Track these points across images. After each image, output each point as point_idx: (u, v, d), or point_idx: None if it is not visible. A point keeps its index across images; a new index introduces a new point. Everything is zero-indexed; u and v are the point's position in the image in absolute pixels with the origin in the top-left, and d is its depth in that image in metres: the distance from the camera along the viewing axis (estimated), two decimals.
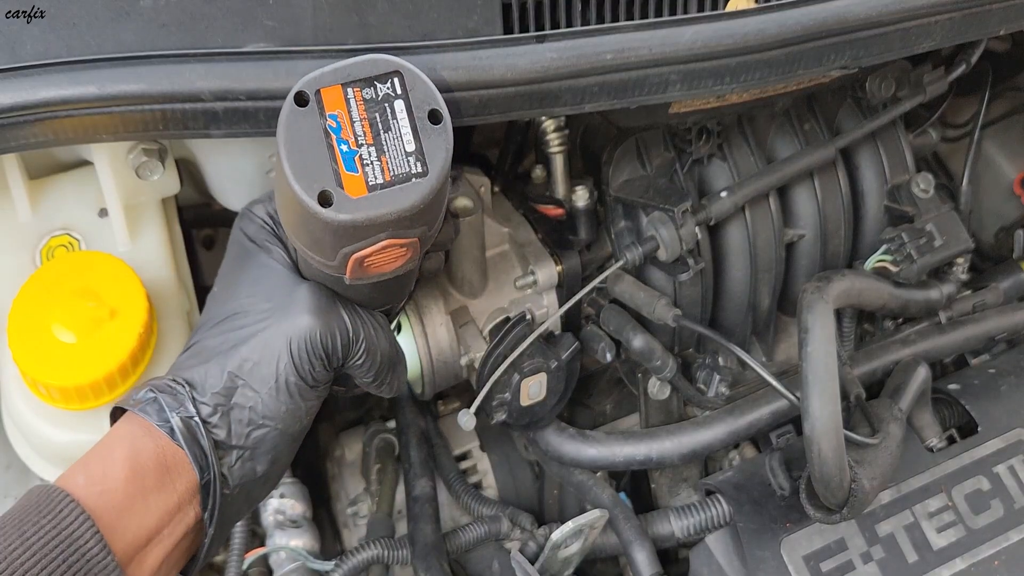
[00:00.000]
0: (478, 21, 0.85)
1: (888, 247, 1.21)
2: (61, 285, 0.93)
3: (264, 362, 0.76)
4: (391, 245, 0.70)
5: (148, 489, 0.72)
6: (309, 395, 0.78)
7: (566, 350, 1.09)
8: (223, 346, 0.77)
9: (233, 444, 0.75)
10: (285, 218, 0.73)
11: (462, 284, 1.09)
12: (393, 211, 0.68)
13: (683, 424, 1.18)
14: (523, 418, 1.11)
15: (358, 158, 0.68)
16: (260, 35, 0.82)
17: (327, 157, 0.68)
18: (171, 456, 0.73)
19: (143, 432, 0.73)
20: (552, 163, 1.15)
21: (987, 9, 0.99)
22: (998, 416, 1.18)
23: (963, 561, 1.09)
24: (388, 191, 0.68)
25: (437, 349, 1.08)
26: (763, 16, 0.89)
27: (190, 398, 0.75)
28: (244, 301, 0.78)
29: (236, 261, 0.82)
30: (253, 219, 0.83)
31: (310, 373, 0.77)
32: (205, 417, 0.74)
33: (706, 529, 1.11)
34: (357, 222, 0.67)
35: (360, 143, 0.68)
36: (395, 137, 0.69)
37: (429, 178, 0.69)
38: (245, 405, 0.75)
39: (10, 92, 0.78)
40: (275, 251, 0.80)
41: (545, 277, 1.11)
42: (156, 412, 0.74)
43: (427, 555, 1.10)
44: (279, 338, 0.76)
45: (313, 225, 0.69)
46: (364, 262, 0.71)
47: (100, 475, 0.71)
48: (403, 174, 0.68)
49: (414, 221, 0.70)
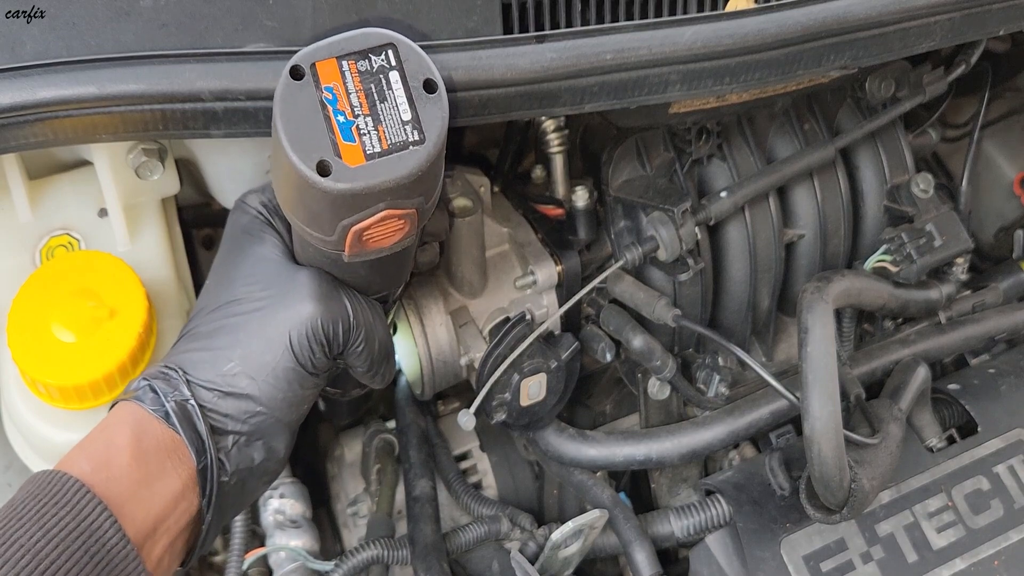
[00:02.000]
0: (478, 21, 0.85)
1: (888, 247, 1.21)
2: (61, 285, 0.93)
3: (263, 349, 0.75)
4: (390, 216, 0.70)
5: (152, 475, 0.71)
6: (308, 383, 0.77)
7: (566, 350, 1.09)
8: (219, 332, 0.76)
9: (230, 430, 0.74)
10: (283, 195, 0.73)
11: (462, 284, 1.09)
12: (391, 179, 0.68)
13: (683, 424, 1.18)
14: (523, 418, 1.11)
15: (355, 128, 0.68)
16: (260, 35, 0.82)
17: (324, 128, 0.68)
18: (169, 441, 0.72)
19: (140, 418, 0.73)
20: (552, 163, 1.15)
21: (987, 9, 0.99)
22: (998, 416, 1.18)
23: (963, 561, 1.09)
24: (386, 159, 0.68)
25: (437, 349, 1.08)
26: (763, 16, 0.89)
27: (184, 382, 0.74)
28: (240, 290, 0.77)
29: (231, 252, 0.81)
30: (247, 210, 0.82)
31: (310, 360, 0.76)
32: (201, 401, 0.74)
33: (706, 529, 1.11)
34: (356, 191, 0.67)
35: (356, 114, 0.69)
36: (391, 107, 0.69)
37: (426, 145, 0.69)
38: (243, 392, 0.74)
39: (10, 92, 0.78)
40: (270, 239, 0.80)
41: (545, 277, 1.11)
42: (150, 398, 0.73)
43: (427, 555, 1.10)
44: (279, 325, 0.75)
45: (311, 198, 0.69)
46: (363, 235, 0.71)
47: (104, 461, 0.70)
48: (400, 142, 0.69)
49: (412, 190, 0.70)
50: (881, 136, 1.25)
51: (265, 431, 0.76)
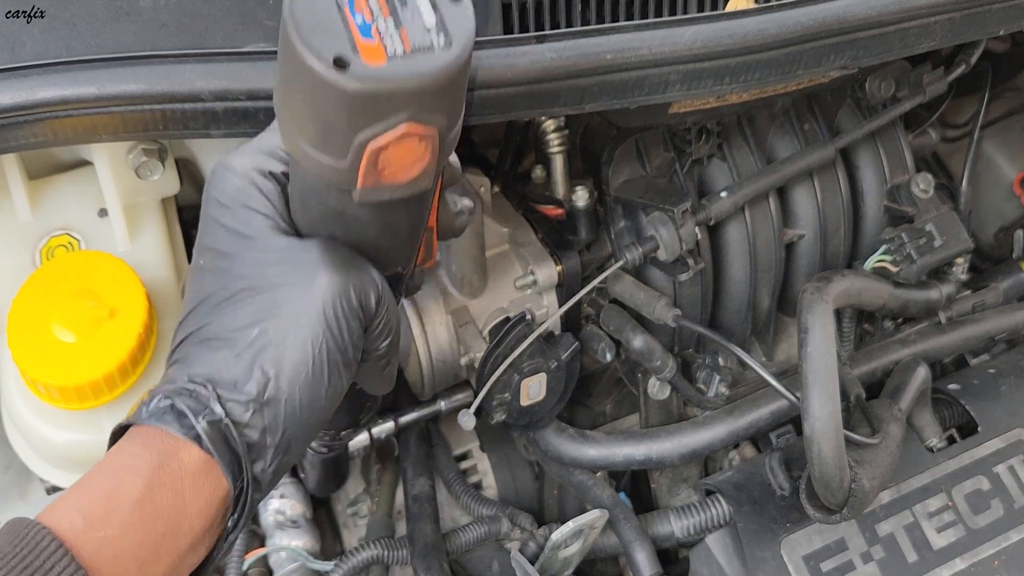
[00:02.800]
0: (478, 21, 0.85)
1: (888, 247, 1.21)
2: (61, 285, 0.93)
3: (297, 342, 0.64)
4: (410, 134, 0.62)
5: (162, 533, 0.60)
6: (346, 372, 0.67)
7: (566, 350, 1.09)
8: (241, 331, 0.64)
9: (268, 443, 0.64)
10: (289, 110, 0.65)
11: (462, 284, 1.09)
12: (415, 80, 0.60)
13: (682, 424, 1.18)
14: (523, 418, 1.11)
15: (375, 28, 0.61)
16: (260, 35, 0.82)
17: (341, 25, 0.61)
18: (201, 466, 0.62)
19: (164, 447, 0.62)
20: (552, 163, 1.15)
21: (986, 9, 0.99)
22: (998, 416, 1.19)
23: (963, 561, 1.09)
24: (410, 59, 0.61)
25: (437, 348, 1.08)
26: (763, 16, 0.89)
27: (215, 396, 0.63)
28: (246, 273, 0.66)
29: (220, 228, 0.68)
30: (234, 174, 0.69)
31: (349, 341, 0.66)
32: (236, 418, 0.63)
33: (706, 529, 1.11)
34: (377, 91, 0.60)
35: (375, 16, 0.62)
36: (413, 12, 0.63)
37: (454, 49, 0.62)
38: (280, 398, 0.64)
39: (10, 92, 0.78)
40: (268, 208, 0.68)
41: (545, 277, 1.11)
42: (176, 419, 0.62)
43: (427, 554, 1.10)
44: (310, 308, 0.64)
45: (325, 102, 0.60)
46: (380, 159, 0.63)
47: (103, 515, 0.59)
48: (425, 46, 0.62)
49: (437, 101, 0.63)
50: (881, 136, 1.26)
51: (298, 437, 0.66)
